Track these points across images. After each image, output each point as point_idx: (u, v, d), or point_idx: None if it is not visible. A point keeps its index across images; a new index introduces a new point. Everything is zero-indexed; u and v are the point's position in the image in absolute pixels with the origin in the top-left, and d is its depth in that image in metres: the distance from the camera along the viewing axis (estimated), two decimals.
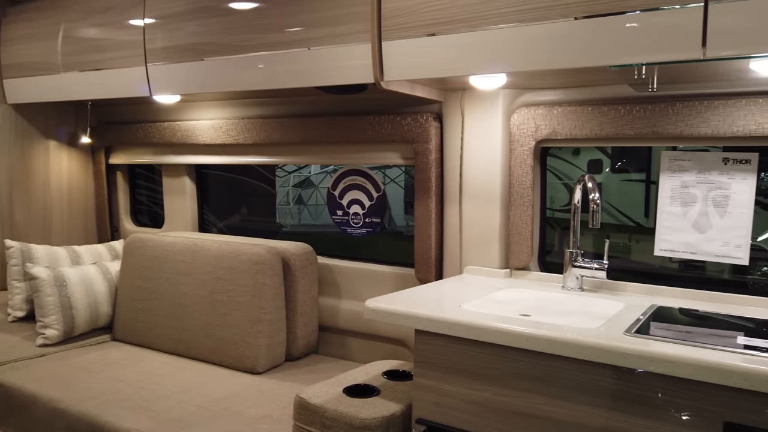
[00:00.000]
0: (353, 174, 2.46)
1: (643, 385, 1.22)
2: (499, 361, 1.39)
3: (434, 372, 1.49)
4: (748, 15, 1.21)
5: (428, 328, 1.47)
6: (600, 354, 1.24)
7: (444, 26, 1.57)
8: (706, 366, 1.13)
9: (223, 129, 2.59)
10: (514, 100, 1.95)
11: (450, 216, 2.09)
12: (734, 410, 1.13)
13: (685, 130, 1.66)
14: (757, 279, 3.04)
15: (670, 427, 1.20)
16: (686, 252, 1.78)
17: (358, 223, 2.47)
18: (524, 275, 2.00)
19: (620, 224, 4.42)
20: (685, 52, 1.28)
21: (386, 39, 1.67)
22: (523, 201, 1.95)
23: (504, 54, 1.50)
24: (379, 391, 1.73)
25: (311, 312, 2.33)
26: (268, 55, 1.93)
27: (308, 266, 2.31)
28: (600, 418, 1.27)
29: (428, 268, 2.11)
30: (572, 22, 1.40)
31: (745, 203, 1.69)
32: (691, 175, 1.76)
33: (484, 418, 1.42)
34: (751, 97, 1.58)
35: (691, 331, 1.35)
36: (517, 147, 1.95)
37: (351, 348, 2.39)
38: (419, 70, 1.64)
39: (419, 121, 2.08)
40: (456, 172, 2.06)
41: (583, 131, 1.82)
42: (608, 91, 1.80)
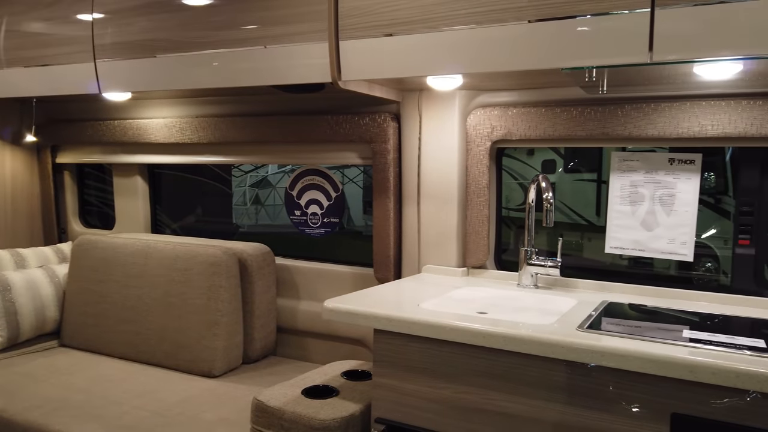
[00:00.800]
0: (311, 174, 2.44)
1: (596, 378, 1.26)
2: (458, 359, 1.41)
3: (393, 371, 1.50)
4: (692, 22, 1.26)
5: (387, 327, 1.47)
6: (554, 350, 1.27)
7: (401, 27, 1.58)
8: (654, 359, 1.17)
9: (176, 128, 2.53)
10: (471, 101, 1.98)
11: (408, 216, 2.10)
12: (681, 401, 1.18)
13: (633, 131, 1.72)
14: (701, 274, 3.18)
15: (621, 419, 1.24)
16: (635, 249, 1.84)
17: (316, 223, 2.45)
18: (481, 273, 2.03)
19: (573, 223, 4.54)
20: (633, 56, 1.32)
21: (343, 38, 1.67)
22: (480, 201, 1.98)
23: (460, 55, 1.52)
24: (338, 392, 1.73)
25: (269, 313, 2.30)
26: (223, 52, 1.90)
27: (265, 267, 2.28)
28: (555, 412, 1.30)
29: (387, 267, 2.12)
30: (526, 25, 1.43)
31: (689, 202, 1.76)
32: (639, 175, 1.82)
33: (443, 416, 1.44)
34: (694, 100, 1.65)
35: (640, 326, 1.40)
36: (473, 147, 1.97)
37: (310, 349, 2.38)
38: (377, 70, 1.64)
39: (377, 121, 2.09)
40: (414, 172, 2.07)
41: (537, 132, 1.86)
42: (561, 93, 1.84)
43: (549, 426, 1.31)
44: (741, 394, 1.13)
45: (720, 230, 3.36)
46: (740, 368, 1.10)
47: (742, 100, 1.59)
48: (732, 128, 1.60)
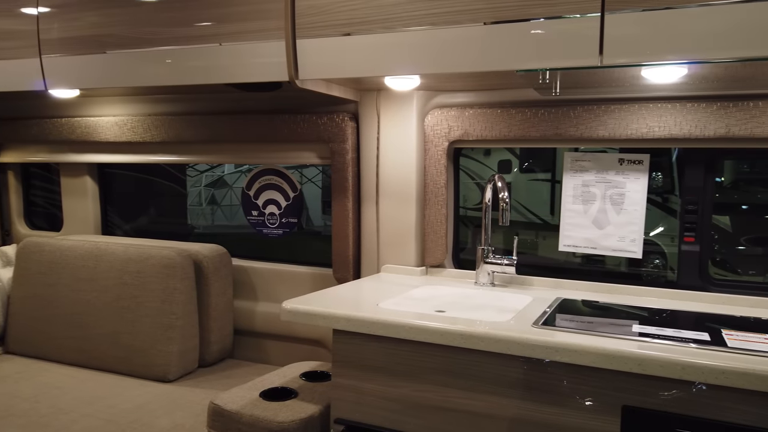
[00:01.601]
0: (269, 173, 2.41)
1: (551, 374, 1.29)
2: (416, 357, 1.42)
3: (352, 371, 1.49)
4: (640, 26, 1.31)
5: (346, 327, 1.47)
6: (510, 346, 1.29)
7: (359, 26, 1.58)
8: (606, 354, 1.21)
9: (128, 126, 2.46)
10: (428, 102, 2.00)
11: (367, 215, 2.10)
12: (631, 394, 1.22)
13: (585, 132, 1.77)
14: (650, 271, 3.29)
15: (574, 413, 1.27)
16: (587, 247, 1.90)
17: (274, 224, 2.42)
18: (439, 272, 2.05)
19: (528, 221, 4.64)
20: (584, 59, 1.36)
21: (301, 37, 1.65)
22: (438, 200, 2.00)
23: (417, 56, 1.53)
24: (296, 394, 1.71)
25: (226, 315, 2.26)
26: (176, 49, 1.85)
27: (222, 268, 2.24)
28: (512, 408, 1.33)
29: (346, 267, 2.12)
30: (482, 27, 1.45)
31: (638, 201, 1.82)
32: (591, 175, 1.87)
33: (402, 415, 1.44)
34: (643, 103, 1.71)
35: (592, 322, 1.44)
36: (431, 147, 1.99)
37: (268, 351, 2.35)
38: (335, 69, 1.63)
39: (335, 121, 2.08)
40: (372, 171, 2.08)
41: (493, 133, 1.89)
42: (516, 95, 1.88)
43: (506, 422, 1.34)
44: (687, 385, 1.17)
45: (667, 228, 3.49)
46: (686, 361, 1.15)
47: (686, 103, 1.66)
48: (677, 130, 1.67)
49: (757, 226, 3.04)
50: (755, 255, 2.96)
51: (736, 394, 1.14)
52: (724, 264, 2.93)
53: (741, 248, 3.00)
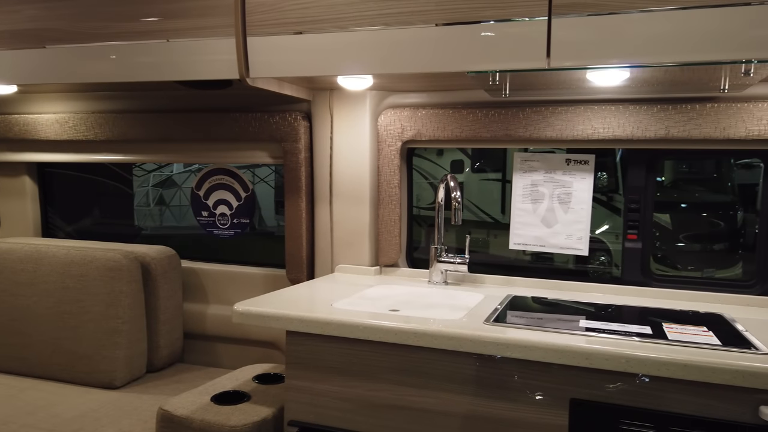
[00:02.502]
0: (219, 173, 2.37)
1: (502, 370, 1.31)
2: (370, 357, 1.42)
3: (306, 372, 1.48)
4: (585, 30, 1.35)
5: (300, 328, 1.45)
6: (463, 343, 1.31)
7: (311, 25, 1.57)
8: (554, 349, 1.24)
9: (69, 124, 2.36)
10: (381, 102, 2.00)
11: (321, 215, 2.09)
12: (579, 387, 1.26)
13: (533, 133, 1.81)
14: (596, 267, 3.40)
15: (525, 408, 1.30)
16: (536, 245, 1.94)
17: (225, 224, 2.38)
18: (393, 272, 2.06)
19: (480, 220, 4.71)
20: (533, 62, 1.39)
21: (251, 35, 1.63)
22: (391, 200, 2.01)
23: (369, 56, 1.53)
24: (249, 397, 1.69)
25: (175, 319, 2.20)
26: (121, 45, 1.79)
27: (171, 271, 2.18)
28: (465, 404, 1.35)
29: (299, 268, 2.10)
30: (433, 29, 1.46)
31: (584, 200, 1.88)
32: (539, 175, 1.92)
33: (356, 414, 1.44)
34: (588, 105, 1.77)
35: (542, 318, 1.47)
36: (384, 147, 2.00)
37: (220, 354, 2.30)
38: (286, 68, 1.62)
39: (288, 120, 2.06)
40: (326, 171, 2.06)
41: (445, 133, 1.91)
42: (467, 96, 1.90)
43: (459, 418, 1.35)
44: (631, 377, 1.22)
45: (612, 226, 3.62)
46: (629, 354, 1.19)
47: (629, 105, 1.72)
48: (621, 131, 1.73)
49: (696, 223, 3.18)
50: (693, 251, 3.10)
51: (677, 385, 1.19)
52: (665, 260, 3.06)
53: (680, 245, 3.14)
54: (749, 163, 2.88)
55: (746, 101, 1.63)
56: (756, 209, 1.79)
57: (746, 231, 2.77)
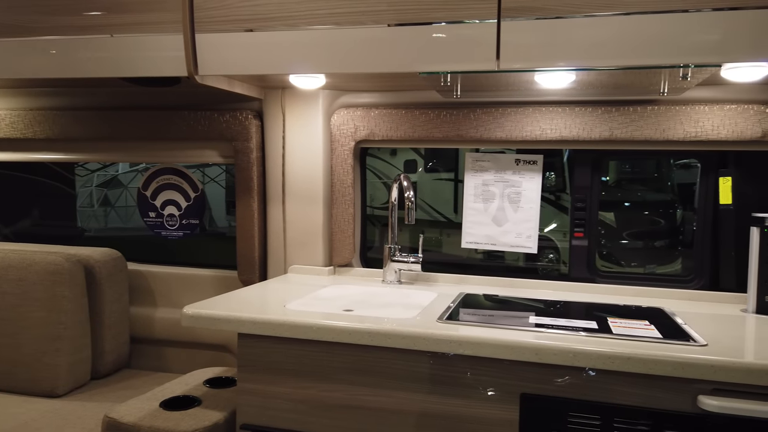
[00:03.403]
0: (167, 173, 2.30)
1: (455, 367, 1.33)
2: (324, 358, 1.41)
3: (259, 375, 1.46)
4: (533, 34, 1.38)
5: (252, 330, 1.43)
6: (416, 342, 1.32)
7: (261, 23, 1.55)
8: (505, 345, 1.26)
9: (6, 121, 2.25)
10: (334, 101, 1.99)
11: (273, 215, 2.06)
12: (529, 382, 1.29)
13: (484, 133, 1.84)
14: (545, 265, 3.49)
15: (477, 403, 1.32)
16: (488, 243, 1.98)
17: (173, 225, 2.32)
18: (347, 272, 2.06)
19: (434, 220, 4.76)
20: (483, 63, 1.42)
21: (200, 31, 1.59)
22: (345, 200, 2.00)
23: (321, 55, 1.52)
24: (200, 401, 1.65)
25: (121, 323, 2.13)
26: (62, 39, 1.72)
27: (116, 273, 2.11)
28: (419, 402, 1.36)
29: (251, 269, 2.07)
30: (385, 29, 1.47)
31: (533, 199, 1.92)
32: (490, 175, 1.96)
33: (309, 416, 1.43)
34: (536, 106, 1.81)
35: (493, 315, 1.50)
36: (337, 147, 1.99)
37: (169, 359, 2.24)
38: (236, 66, 1.59)
39: (239, 119, 2.02)
40: (278, 171, 2.04)
41: (398, 133, 1.92)
42: (419, 96, 1.92)
43: (413, 416, 1.36)
44: (578, 371, 1.26)
45: (560, 224, 3.72)
46: (576, 348, 1.23)
47: (575, 107, 1.77)
48: (567, 132, 1.78)
49: (638, 222, 3.31)
50: (636, 248, 3.23)
51: (621, 377, 1.23)
52: (610, 257, 3.17)
53: (624, 242, 3.26)
54: (687, 164, 3.02)
55: (684, 104, 1.70)
56: (694, 207, 1.88)
57: (685, 228, 2.90)
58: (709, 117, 1.67)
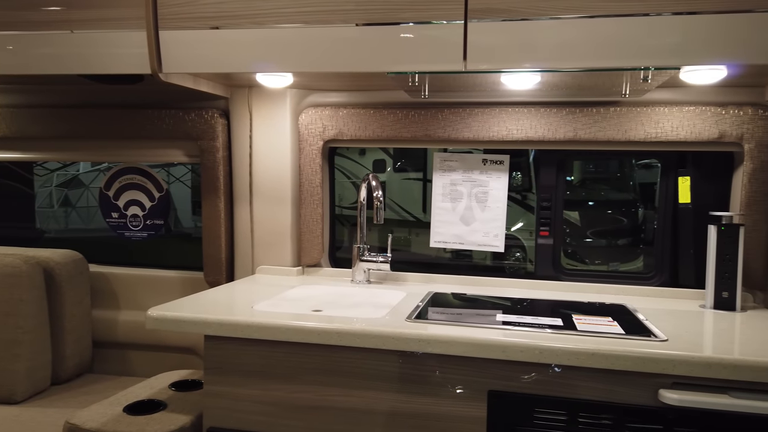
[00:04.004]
0: (130, 172, 2.25)
1: (424, 365, 1.34)
2: (293, 359, 1.40)
3: (226, 377, 1.44)
4: (500, 35, 1.40)
5: (219, 332, 1.41)
6: (385, 341, 1.32)
7: (227, 20, 1.53)
8: (473, 343, 1.28)
9: None
10: (302, 100, 1.98)
11: (240, 216, 2.04)
12: (496, 379, 1.30)
13: (452, 133, 1.86)
14: (512, 263, 3.54)
15: (445, 401, 1.33)
16: (456, 243, 1.99)
17: (137, 226, 2.27)
18: (316, 272, 2.05)
19: (402, 219, 4.78)
20: (450, 64, 1.43)
21: (164, 28, 1.56)
22: (313, 199, 1.99)
23: (289, 54, 1.51)
24: (165, 405, 1.62)
25: (82, 327, 2.07)
26: (19, 35, 1.67)
27: (77, 276, 2.05)
28: (388, 401, 1.36)
29: (218, 270, 2.04)
30: (354, 28, 1.46)
31: (500, 199, 1.95)
32: (458, 174, 1.97)
33: (278, 417, 1.42)
34: (503, 107, 1.83)
35: (461, 313, 1.51)
36: (306, 146, 1.98)
37: (133, 362, 2.20)
38: (202, 63, 1.56)
39: (204, 117, 1.99)
40: (245, 170, 2.02)
41: (367, 133, 1.92)
42: (388, 96, 1.92)
43: (382, 415, 1.37)
44: (544, 368, 1.28)
45: (526, 223, 3.78)
46: (542, 345, 1.25)
47: (540, 108, 1.80)
48: (533, 132, 1.81)
49: (601, 220, 3.38)
50: (600, 246, 3.30)
51: (586, 373, 1.26)
52: (575, 255, 3.23)
53: (588, 240, 3.32)
54: (648, 164, 3.11)
55: (645, 106, 1.75)
56: (655, 206, 1.93)
57: (646, 227, 2.98)
58: (669, 118, 1.72)
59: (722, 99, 1.71)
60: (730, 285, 1.62)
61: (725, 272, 1.62)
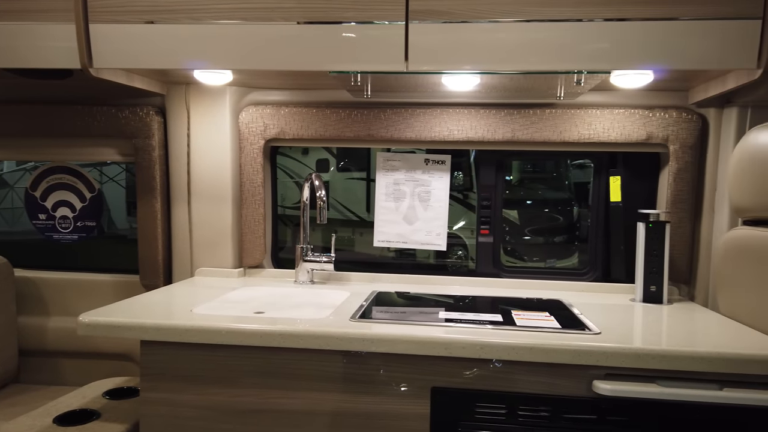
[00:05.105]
0: (59, 172, 2.14)
1: (368, 365, 1.34)
2: (234, 362, 1.37)
3: (164, 383, 1.40)
4: (440, 37, 1.42)
5: (156, 337, 1.36)
6: (329, 341, 1.31)
7: (163, 15, 1.48)
8: (416, 341, 1.29)
9: None
10: (243, 98, 1.94)
11: (178, 216, 1.98)
12: (439, 376, 1.32)
13: (394, 133, 1.87)
14: (454, 261, 3.60)
15: (390, 400, 1.34)
16: (399, 242, 2.01)
17: (67, 228, 2.16)
18: (258, 273, 2.01)
19: (346, 219, 4.77)
20: (392, 65, 1.44)
21: (94, 21, 1.49)
22: (255, 199, 1.96)
23: (227, 50, 1.47)
24: (99, 414, 1.55)
25: (8, 335, 1.96)
26: None
27: (1, 281, 1.94)
28: (332, 402, 1.35)
29: (155, 273, 1.97)
30: (295, 26, 1.45)
31: (442, 198, 1.98)
32: (401, 174, 1.99)
33: (219, 422, 1.39)
34: (444, 107, 1.86)
35: (405, 311, 1.53)
36: (246, 145, 1.94)
37: (64, 371, 2.09)
38: (136, 59, 1.51)
39: (139, 115, 1.92)
40: (183, 170, 1.96)
41: (309, 132, 1.90)
42: (330, 95, 1.91)
43: (326, 416, 1.36)
44: (486, 363, 1.30)
45: (468, 222, 3.85)
46: (483, 341, 1.27)
47: (480, 109, 1.84)
48: (473, 133, 1.84)
49: (539, 218, 3.49)
50: (537, 244, 3.40)
51: (525, 367, 1.29)
52: (514, 253, 3.32)
53: (527, 238, 3.42)
54: (582, 164, 3.23)
55: (579, 108, 1.81)
56: (588, 205, 2.01)
57: (581, 225, 3.10)
58: (601, 120, 1.80)
59: (649, 102, 1.80)
60: (658, 279, 1.71)
61: (653, 267, 1.71)
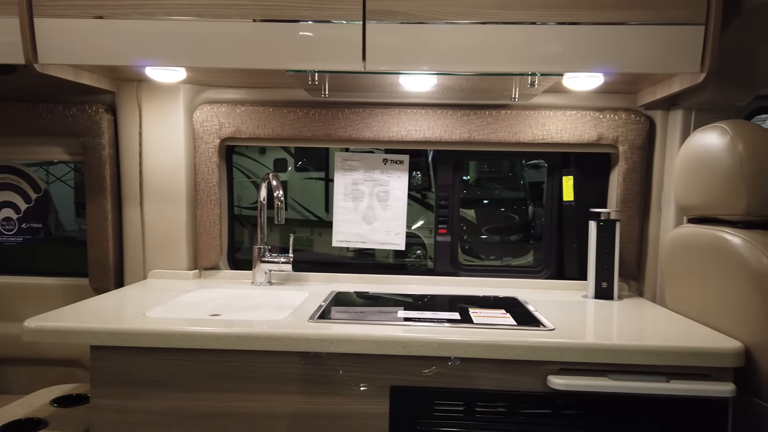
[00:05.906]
0: (2, 172, 2.05)
1: (327, 365, 1.33)
2: (189, 366, 1.34)
3: (116, 390, 1.35)
4: (398, 37, 1.42)
5: (106, 342, 1.32)
6: (287, 343, 1.30)
7: (112, 9, 1.43)
8: (375, 340, 1.29)
9: None
10: (197, 96, 1.90)
11: (130, 217, 1.92)
12: (398, 374, 1.33)
13: (352, 133, 1.87)
14: (413, 261, 3.62)
15: (349, 400, 1.34)
16: (358, 241, 2.01)
17: (11, 230, 2.07)
18: (214, 274, 1.98)
19: (305, 219, 4.73)
20: (349, 64, 1.43)
21: (39, 15, 1.44)
22: (210, 200, 1.92)
23: (180, 47, 1.44)
24: (46, 423, 1.49)
25: None
26: None
27: None
28: (292, 404, 1.34)
29: (105, 275, 1.91)
30: (251, 24, 1.43)
31: (400, 198, 1.98)
32: (360, 174, 1.99)
33: (176, 428, 1.36)
34: (402, 108, 1.87)
35: (364, 311, 1.53)
36: (201, 144, 1.90)
37: (8, 379, 2.00)
38: (84, 55, 1.46)
39: (88, 113, 1.86)
40: (135, 169, 1.90)
41: (266, 131, 1.88)
42: (288, 94, 1.90)
43: (286, 418, 1.35)
44: (444, 361, 1.32)
45: (426, 221, 3.88)
46: (441, 339, 1.29)
47: (437, 110, 1.86)
48: (430, 133, 1.86)
49: (495, 217, 3.55)
50: (494, 242, 3.46)
51: (483, 364, 1.31)
52: (471, 251, 3.36)
53: (483, 237, 3.48)
54: (537, 164, 3.30)
55: (533, 109, 1.85)
56: (543, 204, 2.06)
57: (536, 223, 3.17)
58: (554, 121, 1.84)
59: (600, 104, 1.85)
60: (608, 276, 1.76)
61: (604, 264, 1.76)
